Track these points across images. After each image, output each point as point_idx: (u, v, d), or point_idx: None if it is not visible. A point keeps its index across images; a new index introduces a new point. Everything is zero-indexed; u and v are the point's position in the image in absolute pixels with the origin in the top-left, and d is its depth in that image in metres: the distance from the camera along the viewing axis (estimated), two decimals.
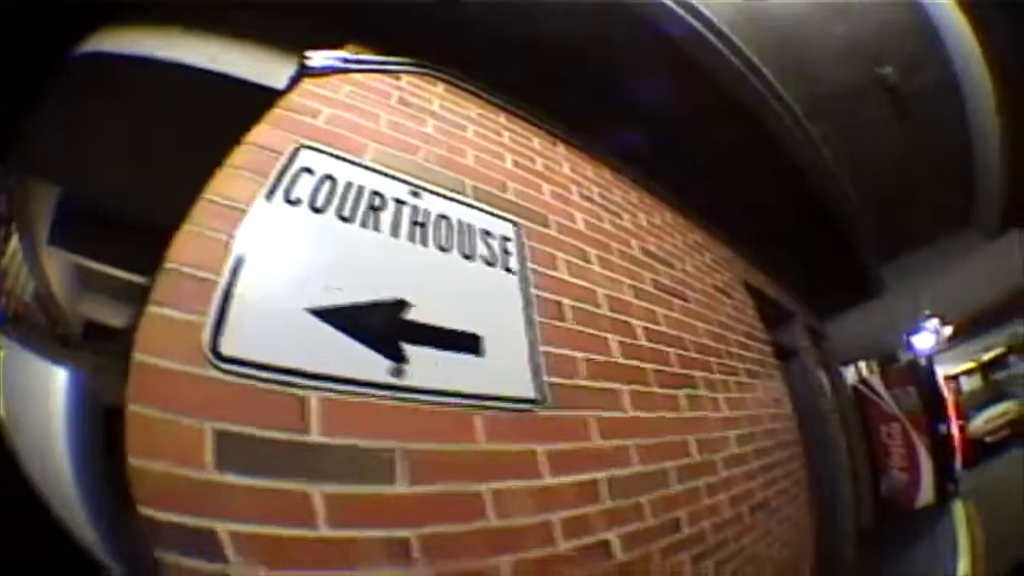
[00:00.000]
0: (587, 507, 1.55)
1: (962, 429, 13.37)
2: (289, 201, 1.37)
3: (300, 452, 1.13)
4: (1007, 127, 6.32)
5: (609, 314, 2.05)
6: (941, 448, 7.55)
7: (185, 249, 1.24)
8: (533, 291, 1.77)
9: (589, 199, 2.63)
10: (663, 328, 2.33)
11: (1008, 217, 8.49)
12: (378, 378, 1.28)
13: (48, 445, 1.18)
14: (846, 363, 8.07)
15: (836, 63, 5.29)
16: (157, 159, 1.61)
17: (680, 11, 3.33)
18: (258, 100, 1.63)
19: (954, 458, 7.81)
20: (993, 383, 12.39)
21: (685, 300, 2.76)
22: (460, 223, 1.67)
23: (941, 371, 18.29)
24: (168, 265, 1.22)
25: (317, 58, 1.78)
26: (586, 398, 1.71)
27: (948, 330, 17.36)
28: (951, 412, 7.99)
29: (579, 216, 2.37)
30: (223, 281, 1.25)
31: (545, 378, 1.57)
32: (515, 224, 1.83)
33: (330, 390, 1.23)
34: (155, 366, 1.12)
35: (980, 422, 10.50)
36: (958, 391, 13.43)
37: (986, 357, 12.51)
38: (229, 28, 1.84)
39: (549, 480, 1.46)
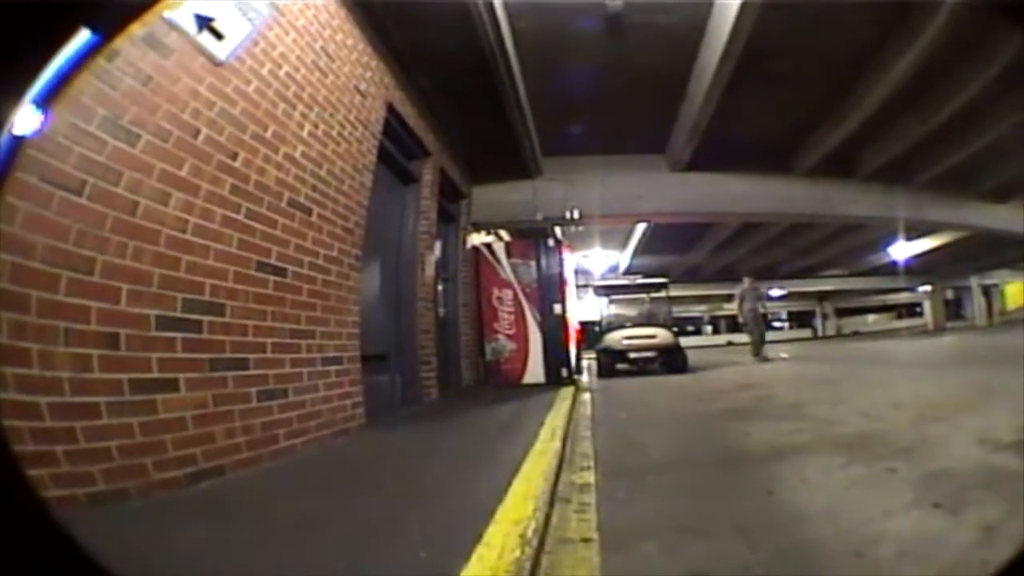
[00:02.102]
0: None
1: (592, 328, 16.76)
2: None
3: None
4: (717, 83, 8.94)
5: (289, 37, 4.44)
6: (557, 333, 10.12)
7: None
8: (260, 28, 4.05)
9: (314, 23, 4.94)
10: (287, 69, 4.42)
11: (696, 159, 11.62)
12: (192, 32, 3.42)
13: None
14: (487, 227, 10.79)
15: None
16: None
17: None
18: None
19: (570, 347, 10.45)
20: (649, 308, 16.86)
21: (324, 74, 4.95)
22: (252, 6, 3.89)
23: (593, 272, 22.53)
24: None
25: None
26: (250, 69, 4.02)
27: (627, 253, 21.69)
28: (567, 298, 10.42)
29: (301, 20, 4.54)
30: None
31: (230, 60, 3.82)
32: (275, 9, 4.11)
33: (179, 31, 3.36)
34: None
35: (618, 336, 13.56)
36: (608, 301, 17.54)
37: (645, 281, 16.91)
38: None
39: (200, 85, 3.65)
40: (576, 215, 11.34)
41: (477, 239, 10.77)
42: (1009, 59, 9.35)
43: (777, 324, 51.26)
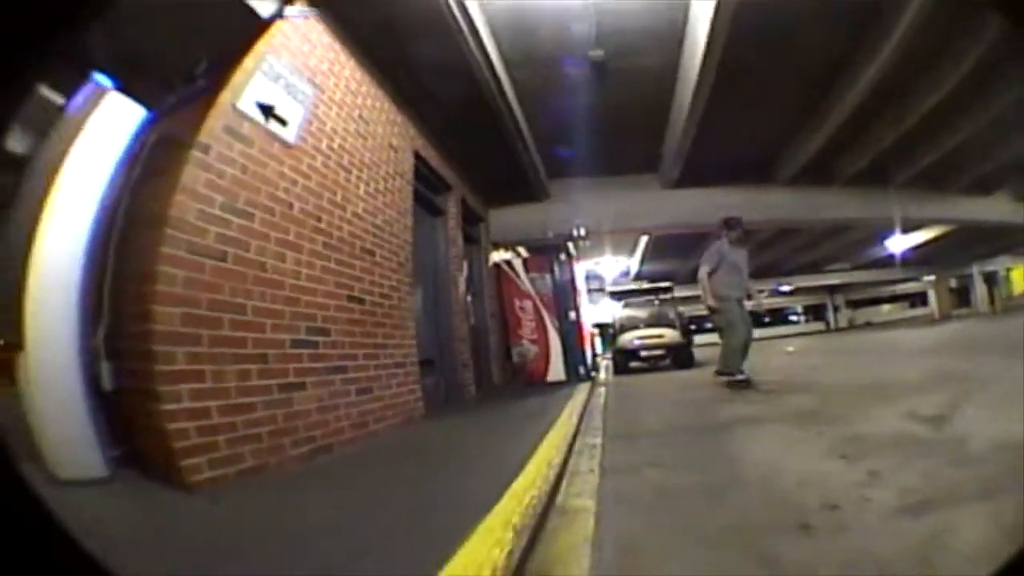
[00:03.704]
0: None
1: (609, 330, 18.29)
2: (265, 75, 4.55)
3: None
4: (695, 109, 10.10)
5: (332, 111, 5.61)
6: (572, 336, 11.33)
7: None
8: (309, 108, 5.24)
9: (348, 93, 6.08)
10: (339, 141, 5.76)
11: (684, 176, 12.95)
12: (261, 120, 4.50)
13: None
14: (505, 245, 12.03)
15: (556, 42, 8.54)
16: None
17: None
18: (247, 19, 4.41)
19: (585, 349, 11.78)
20: (659, 309, 17.90)
21: (364, 138, 6.00)
22: (298, 88, 4.94)
23: (606, 282, 23.43)
24: None
25: (290, 10, 4.80)
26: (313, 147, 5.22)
27: (633, 263, 22.58)
28: (579, 305, 11.74)
29: (338, 93, 5.82)
30: None
31: (298, 143, 4.96)
32: (316, 87, 5.22)
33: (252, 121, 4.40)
34: None
35: (630, 336, 14.77)
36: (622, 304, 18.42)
37: (653, 286, 17.94)
38: None
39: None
40: (582, 232, 12.63)
41: (497, 256, 12.01)
42: (974, 61, 10.00)
43: (793, 318, 51.59)
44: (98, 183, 3.65)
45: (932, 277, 38.74)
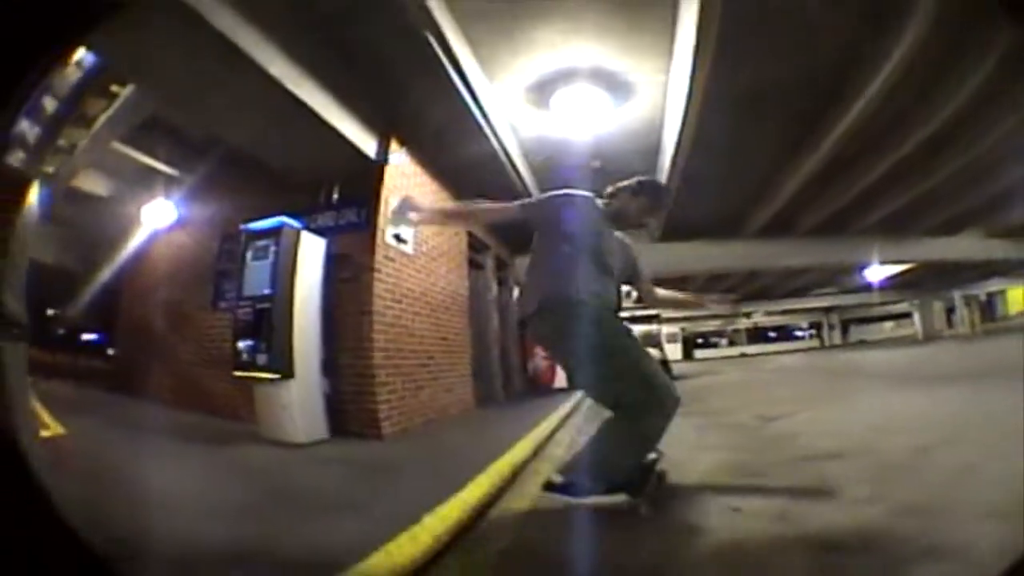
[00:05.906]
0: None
1: None
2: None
3: None
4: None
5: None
6: None
7: None
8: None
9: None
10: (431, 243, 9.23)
11: (666, 233, 16.38)
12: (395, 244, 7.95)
13: None
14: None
15: (568, 158, 11.31)
16: None
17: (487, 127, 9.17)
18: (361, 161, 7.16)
19: None
20: (647, 332, 21.18)
21: (440, 234, 9.37)
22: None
23: None
24: None
25: (393, 156, 7.46)
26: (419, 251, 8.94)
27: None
28: None
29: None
30: None
31: (413, 251, 8.37)
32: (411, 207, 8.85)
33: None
34: None
35: None
36: None
37: (641, 313, 21.31)
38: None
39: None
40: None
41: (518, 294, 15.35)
42: (942, 121, 10.51)
43: (799, 333, 52.39)
44: (316, 280, 6.67)
45: (917, 301, 39.33)
